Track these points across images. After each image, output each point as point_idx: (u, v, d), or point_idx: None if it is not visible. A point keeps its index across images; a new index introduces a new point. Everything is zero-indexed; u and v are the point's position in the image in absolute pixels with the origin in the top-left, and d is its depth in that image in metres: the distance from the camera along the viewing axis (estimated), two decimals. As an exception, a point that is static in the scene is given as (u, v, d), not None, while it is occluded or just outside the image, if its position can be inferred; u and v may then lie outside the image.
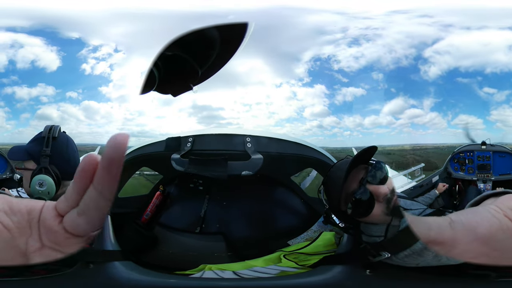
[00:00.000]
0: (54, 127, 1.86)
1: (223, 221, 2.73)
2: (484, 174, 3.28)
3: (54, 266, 1.93)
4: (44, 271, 1.93)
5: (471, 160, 3.34)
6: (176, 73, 2.50)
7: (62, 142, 1.88)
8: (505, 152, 3.26)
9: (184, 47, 2.40)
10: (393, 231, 1.74)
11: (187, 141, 2.53)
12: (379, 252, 1.93)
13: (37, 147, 1.83)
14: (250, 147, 2.44)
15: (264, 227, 2.76)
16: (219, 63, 2.56)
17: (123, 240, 2.30)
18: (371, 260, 1.91)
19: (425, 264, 1.98)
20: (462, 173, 3.32)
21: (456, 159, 3.35)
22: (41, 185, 1.76)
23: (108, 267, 2.04)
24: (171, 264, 2.41)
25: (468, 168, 3.33)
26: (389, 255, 1.90)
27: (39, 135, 1.87)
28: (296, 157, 2.55)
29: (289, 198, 2.86)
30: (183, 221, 2.80)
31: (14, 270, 1.88)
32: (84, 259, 1.99)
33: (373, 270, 1.95)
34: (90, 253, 2.08)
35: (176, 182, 2.93)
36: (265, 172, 2.56)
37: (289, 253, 2.37)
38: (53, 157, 1.81)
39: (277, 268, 2.27)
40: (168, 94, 2.61)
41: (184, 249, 2.59)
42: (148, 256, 2.55)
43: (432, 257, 1.89)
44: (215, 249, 2.58)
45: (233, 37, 2.48)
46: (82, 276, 1.96)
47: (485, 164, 3.29)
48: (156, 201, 2.84)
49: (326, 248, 2.40)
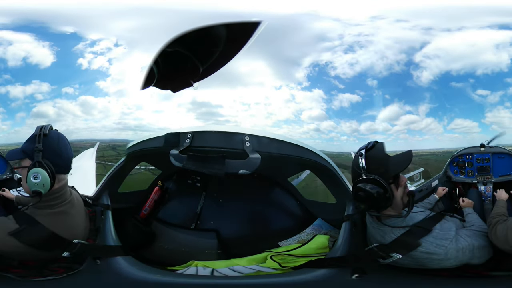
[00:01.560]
0: (45, 126, 2.01)
1: (218, 218, 2.77)
2: (484, 176, 3.25)
3: (68, 264, 2.08)
4: (62, 269, 2.07)
5: (471, 163, 3.31)
6: (177, 69, 2.51)
7: (53, 138, 2.01)
8: (504, 153, 3.24)
9: (186, 43, 2.41)
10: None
11: (186, 137, 2.54)
12: (389, 254, 2.00)
13: (31, 145, 1.96)
14: (249, 146, 2.43)
15: (257, 226, 2.80)
16: (221, 61, 2.56)
17: (123, 235, 2.38)
18: (381, 263, 2.02)
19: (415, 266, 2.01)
20: (462, 176, 3.29)
21: (456, 163, 3.32)
22: (35, 177, 1.89)
23: (112, 262, 2.15)
24: (166, 260, 2.46)
25: (468, 171, 3.31)
26: (401, 256, 1.98)
27: (32, 135, 2.01)
28: (294, 159, 2.55)
29: (285, 199, 2.88)
30: (179, 217, 2.85)
31: (34, 269, 2.03)
32: (90, 255, 2.13)
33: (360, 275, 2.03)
34: (95, 248, 2.20)
35: (175, 178, 2.97)
36: (263, 172, 2.56)
37: (277, 254, 2.41)
38: (45, 152, 1.94)
39: (256, 268, 2.32)
40: (168, 90, 2.62)
41: (179, 245, 2.64)
42: (146, 252, 2.61)
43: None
44: (206, 246, 2.63)
45: (240, 36, 2.48)
46: (92, 271, 2.10)
47: (485, 166, 3.27)
48: (154, 196, 2.90)
49: (317, 251, 2.43)
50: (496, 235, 2.06)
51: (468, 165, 3.34)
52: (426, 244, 1.98)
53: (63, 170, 2.03)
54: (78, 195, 2.27)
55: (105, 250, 2.23)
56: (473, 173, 3.31)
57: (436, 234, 2.01)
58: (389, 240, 2.04)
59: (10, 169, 3.02)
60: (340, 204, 2.60)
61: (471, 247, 2.01)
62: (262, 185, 2.83)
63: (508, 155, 3.25)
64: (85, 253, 2.09)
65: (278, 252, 2.42)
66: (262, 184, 2.83)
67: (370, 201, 2.01)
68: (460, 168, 3.34)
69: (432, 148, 4.13)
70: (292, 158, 2.54)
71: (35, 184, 1.89)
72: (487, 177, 3.25)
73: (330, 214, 2.73)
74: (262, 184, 2.82)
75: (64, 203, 2.05)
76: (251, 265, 2.33)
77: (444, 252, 1.96)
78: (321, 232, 2.66)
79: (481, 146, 3.31)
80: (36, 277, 2.02)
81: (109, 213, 2.47)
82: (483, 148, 3.30)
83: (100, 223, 2.34)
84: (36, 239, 1.94)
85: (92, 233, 2.24)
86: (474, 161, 3.33)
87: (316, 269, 2.14)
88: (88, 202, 2.38)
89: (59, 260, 2.07)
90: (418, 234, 2.01)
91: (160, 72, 2.37)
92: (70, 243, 2.03)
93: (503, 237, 2.03)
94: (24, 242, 1.91)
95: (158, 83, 2.42)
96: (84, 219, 2.23)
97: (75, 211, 2.13)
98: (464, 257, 2.00)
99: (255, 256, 2.39)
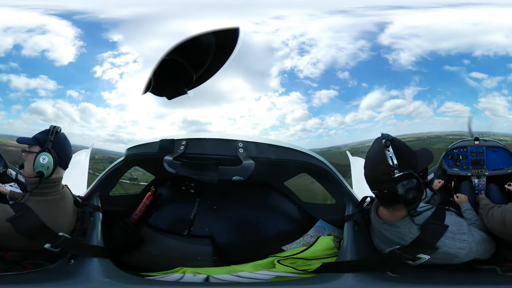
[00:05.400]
0: (57, 126, 2.34)
1: (213, 225, 2.75)
2: (478, 170, 3.27)
3: (40, 260, 2.20)
4: (31, 265, 2.19)
5: (465, 156, 3.33)
6: (171, 77, 2.53)
7: (62, 137, 2.34)
8: (498, 147, 3.26)
9: (182, 53, 2.43)
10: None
11: (181, 144, 2.57)
12: (416, 255, 1.98)
13: (43, 136, 2.29)
14: (242, 152, 2.44)
15: (255, 232, 2.77)
16: (213, 68, 2.58)
17: (108, 237, 2.42)
18: (411, 265, 2.02)
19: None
20: (457, 169, 3.31)
21: (450, 156, 3.34)
22: (43, 159, 2.20)
23: (87, 263, 2.22)
24: (149, 265, 2.46)
25: (462, 164, 3.33)
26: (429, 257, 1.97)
27: (45, 130, 2.32)
28: (288, 163, 2.55)
29: (282, 203, 2.86)
30: (171, 222, 2.83)
31: (8, 264, 2.15)
32: (68, 251, 2.23)
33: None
34: (75, 245, 2.29)
35: (168, 184, 2.94)
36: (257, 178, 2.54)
37: (284, 258, 2.39)
38: (54, 144, 2.27)
39: (270, 273, 2.31)
40: (163, 96, 2.64)
41: (168, 251, 2.63)
42: (128, 256, 2.60)
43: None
44: (200, 252, 2.61)
45: (228, 42, 2.50)
46: (63, 271, 2.18)
47: (479, 159, 3.29)
48: (146, 202, 2.86)
49: (325, 252, 2.42)
50: (493, 217, 2.11)
51: (462, 158, 3.36)
52: (448, 241, 1.97)
53: (63, 165, 2.32)
54: (69, 193, 2.44)
55: (85, 248, 2.31)
56: (467, 166, 3.34)
57: (452, 229, 2.00)
58: (409, 240, 2.00)
59: (3, 164, 3.16)
60: (340, 204, 2.60)
61: (484, 239, 2.05)
62: (258, 191, 2.81)
63: (502, 149, 3.27)
64: (65, 248, 2.22)
65: (284, 256, 2.42)
66: (258, 190, 2.81)
67: (415, 198, 1.92)
68: (455, 161, 3.36)
69: (424, 132, 4.09)
70: (287, 162, 2.54)
71: (42, 165, 2.20)
72: (481, 170, 3.29)
73: (331, 214, 2.72)
74: (258, 190, 2.81)
75: (55, 193, 2.28)
76: (259, 270, 2.33)
77: (468, 246, 1.97)
78: (325, 233, 2.65)
79: (475, 139, 3.32)
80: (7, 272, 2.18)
81: (99, 214, 2.52)
82: (477, 141, 3.32)
83: (88, 224, 2.43)
84: (26, 226, 2.14)
85: (78, 233, 2.37)
86: (469, 154, 3.35)
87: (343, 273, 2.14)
88: (78, 202, 2.51)
89: (36, 256, 2.24)
90: (437, 232, 1.98)
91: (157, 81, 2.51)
92: (54, 235, 2.20)
93: (500, 218, 2.07)
94: (17, 229, 2.11)
95: (154, 90, 2.57)
96: (72, 215, 2.38)
97: (64, 204, 2.33)
98: (481, 250, 2.03)
99: (259, 261, 2.38)
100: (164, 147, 2.60)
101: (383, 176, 1.91)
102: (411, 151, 2.02)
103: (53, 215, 2.23)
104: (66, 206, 2.33)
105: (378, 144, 1.99)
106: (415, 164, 1.96)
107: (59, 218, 2.27)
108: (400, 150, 1.95)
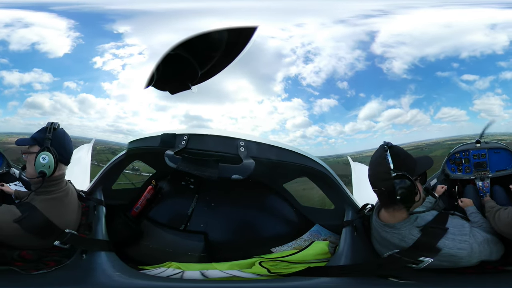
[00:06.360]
0: (54, 122, 2.30)
1: (209, 221, 2.77)
2: (481, 172, 3.25)
3: (56, 257, 2.24)
4: (53, 262, 2.24)
5: (467, 159, 3.30)
6: (176, 72, 2.51)
7: (60, 133, 2.31)
8: (500, 148, 3.23)
9: (188, 48, 2.40)
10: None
11: (182, 139, 2.55)
12: (418, 259, 2.03)
13: (41, 135, 2.25)
14: (243, 151, 2.42)
15: (249, 232, 2.80)
16: (220, 66, 2.55)
17: (112, 231, 2.46)
18: (415, 268, 2.05)
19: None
20: (460, 173, 3.28)
21: (452, 160, 3.31)
22: (44, 159, 2.18)
23: (97, 258, 2.25)
24: (147, 259, 2.51)
25: (465, 167, 3.30)
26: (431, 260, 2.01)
27: (43, 127, 2.29)
28: (289, 165, 2.53)
29: (279, 205, 2.87)
30: (170, 217, 2.85)
31: (31, 262, 2.19)
32: (78, 247, 2.26)
33: None
34: (83, 240, 2.31)
35: (169, 178, 2.96)
36: (257, 178, 2.54)
37: (268, 260, 2.41)
38: (53, 142, 2.24)
39: (235, 273, 2.34)
40: (166, 91, 2.63)
41: (164, 245, 2.67)
42: (130, 249, 2.65)
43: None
44: (191, 248, 2.64)
45: (239, 41, 2.47)
46: (80, 267, 2.22)
47: (481, 162, 3.27)
48: (147, 195, 2.90)
49: (317, 257, 2.43)
50: (500, 219, 2.13)
51: (465, 162, 3.33)
52: (449, 242, 2.02)
53: (65, 161, 2.30)
54: (73, 188, 2.44)
55: (92, 243, 2.34)
56: (470, 170, 3.31)
57: (453, 231, 2.06)
58: (410, 242, 2.07)
59: (6, 163, 3.16)
60: (339, 210, 2.61)
61: (487, 240, 2.07)
62: (256, 191, 2.82)
63: (503, 150, 3.24)
64: (74, 244, 2.25)
65: (269, 258, 2.42)
66: (257, 190, 2.82)
67: (408, 198, 2.05)
68: (457, 165, 3.34)
69: (422, 139, 4.07)
70: (288, 164, 2.52)
71: (42, 164, 2.18)
72: (484, 173, 3.26)
73: (329, 220, 2.73)
74: (256, 190, 2.81)
75: (60, 190, 2.27)
76: (231, 270, 2.35)
77: (470, 246, 2.01)
78: (320, 238, 2.66)
79: (476, 142, 3.30)
80: (33, 271, 2.21)
81: (103, 208, 2.54)
82: (478, 144, 3.29)
83: (93, 218, 2.45)
84: (33, 225, 2.14)
85: (84, 227, 2.39)
86: (471, 157, 3.32)
87: (314, 277, 2.16)
88: (82, 196, 2.52)
89: (51, 254, 2.25)
90: (437, 233, 2.06)
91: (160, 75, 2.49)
92: (62, 232, 2.22)
93: (507, 220, 2.10)
94: (25, 229, 2.11)
95: (157, 84, 2.56)
96: (77, 211, 2.39)
97: (68, 200, 2.32)
98: (485, 251, 2.05)
99: (240, 261, 2.41)
100: (165, 141, 2.59)
101: (382, 175, 2.10)
102: (410, 156, 2.20)
103: (59, 212, 2.23)
104: (71, 202, 2.34)
105: (380, 149, 2.19)
106: (413, 167, 2.13)
107: (65, 215, 2.28)
108: (398, 155, 2.14)
